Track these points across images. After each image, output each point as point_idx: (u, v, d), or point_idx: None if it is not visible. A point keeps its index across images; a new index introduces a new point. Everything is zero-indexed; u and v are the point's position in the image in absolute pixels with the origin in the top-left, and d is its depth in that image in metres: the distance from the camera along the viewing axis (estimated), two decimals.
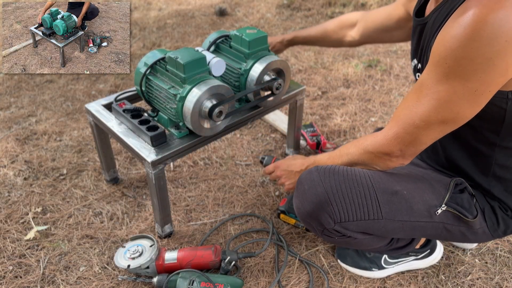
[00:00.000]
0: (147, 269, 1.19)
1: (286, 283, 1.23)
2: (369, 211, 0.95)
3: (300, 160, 1.22)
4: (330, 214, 0.95)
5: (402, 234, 1.03)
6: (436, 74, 0.82)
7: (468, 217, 0.98)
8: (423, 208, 0.98)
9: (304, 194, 0.99)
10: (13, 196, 1.56)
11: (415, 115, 0.87)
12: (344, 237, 1.01)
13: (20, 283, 1.23)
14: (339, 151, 1.08)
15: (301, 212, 1.01)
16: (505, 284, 1.22)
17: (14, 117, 2.06)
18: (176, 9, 3.71)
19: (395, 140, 0.92)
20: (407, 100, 0.90)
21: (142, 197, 1.57)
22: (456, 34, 0.76)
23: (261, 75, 1.33)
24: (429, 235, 1.05)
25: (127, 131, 1.29)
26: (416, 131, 0.88)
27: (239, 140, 1.90)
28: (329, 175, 0.97)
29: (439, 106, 0.83)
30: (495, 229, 1.03)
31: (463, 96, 0.81)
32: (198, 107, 1.17)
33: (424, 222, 0.99)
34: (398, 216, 0.97)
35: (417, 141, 0.91)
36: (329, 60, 2.63)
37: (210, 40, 1.43)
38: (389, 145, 0.93)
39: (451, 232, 1.03)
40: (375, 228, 0.98)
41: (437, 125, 0.87)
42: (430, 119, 0.85)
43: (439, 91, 0.82)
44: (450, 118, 0.85)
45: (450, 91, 0.81)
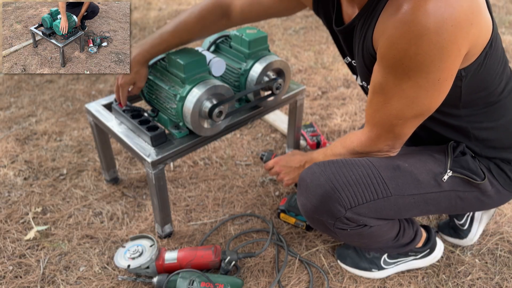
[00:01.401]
0: (147, 269, 1.19)
1: (286, 283, 1.23)
2: (377, 189, 0.94)
3: (298, 156, 1.22)
4: (339, 201, 0.93)
5: (417, 211, 1.01)
6: (396, 75, 0.83)
7: (477, 180, 0.98)
8: (429, 177, 0.97)
9: (308, 188, 0.97)
10: (13, 196, 1.56)
11: (390, 115, 0.89)
12: (358, 227, 0.98)
13: (20, 283, 1.23)
14: (331, 151, 1.09)
15: (308, 208, 0.98)
16: (505, 284, 1.22)
17: (14, 117, 2.06)
18: (176, 9, 3.71)
19: (379, 140, 0.96)
20: (374, 104, 0.92)
21: (142, 197, 1.57)
22: (403, 34, 0.76)
23: (261, 75, 1.33)
24: (445, 208, 1.02)
25: (127, 131, 1.29)
26: (396, 128, 0.91)
27: (239, 140, 1.90)
28: (329, 165, 0.97)
29: (410, 102, 0.85)
30: (509, 183, 1.02)
31: (429, 88, 0.83)
32: (198, 107, 1.17)
33: (434, 193, 0.97)
34: (407, 191, 0.95)
35: (401, 135, 0.94)
36: (329, 60, 2.63)
37: (210, 40, 1.43)
38: (376, 145, 0.97)
39: (466, 200, 1.01)
40: (387, 208, 0.96)
41: (413, 118, 0.89)
42: (405, 115, 0.88)
43: (404, 89, 0.84)
44: (423, 110, 0.88)
45: (415, 87, 0.82)
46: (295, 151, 1.28)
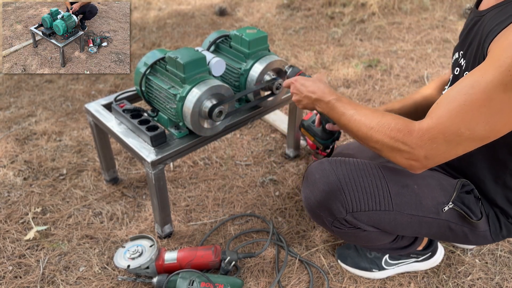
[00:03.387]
0: (147, 269, 1.19)
1: (286, 283, 1.23)
2: (381, 201, 0.94)
3: (314, 86, 1.05)
4: (343, 202, 0.94)
5: (409, 231, 1.02)
6: (494, 79, 0.74)
7: (473, 218, 0.98)
8: (431, 204, 0.97)
9: (315, 183, 0.96)
10: (13, 196, 1.56)
11: (462, 121, 0.77)
12: (354, 229, 1.00)
13: (20, 283, 1.23)
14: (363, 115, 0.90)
15: (311, 201, 0.98)
16: (505, 284, 1.22)
17: (14, 117, 2.06)
18: (176, 9, 3.71)
19: (430, 144, 0.80)
20: (451, 100, 0.79)
21: (142, 197, 1.57)
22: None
23: (261, 75, 1.33)
24: (433, 233, 1.05)
25: (126, 131, 1.29)
26: (458, 141, 0.79)
27: (239, 140, 1.89)
28: (341, 165, 0.96)
29: (490, 116, 0.75)
30: (497, 234, 1.03)
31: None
32: (198, 107, 1.16)
33: (430, 219, 0.99)
34: (408, 210, 0.96)
35: (450, 153, 0.81)
36: (329, 60, 2.63)
37: (210, 40, 1.43)
38: (421, 146, 0.81)
39: (454, 232, 1.03)
40: (386, 221, 0.97)
41: (479, 139, 0.79)
42: (477, 128, 0.77)
43: (493, 99, 0.74)
44: (496, 130, 0.78)
45: (504, 102, 0.74)
46: (320, 77, 1.11)
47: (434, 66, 2.52)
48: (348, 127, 0.93)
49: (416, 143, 0.81)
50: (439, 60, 2.59)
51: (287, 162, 1.75)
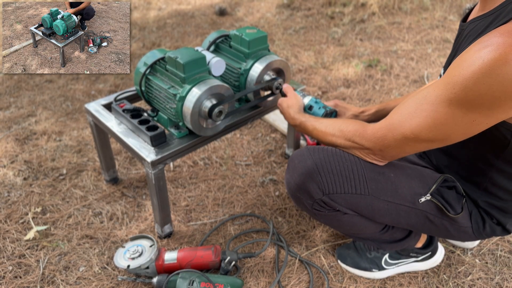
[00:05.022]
0: (146, 269, 1.19)
1: (286, 283, 1.23)
2: (356, 185, 0.98)
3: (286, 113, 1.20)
4: (319, 183, 0.98)
5: (388, 218, 1.04)
6: (441, 94, 0.81)
7: (450, 212, 1.01)
8: (408, 193, 1.00)
9: (295, 168, 1.02)
10: (13, 196, 1.56)
11: (408, 126, 0.87)
12: (333, 211, 1.03)
13: (20, 283, 1.23)
14: (324, 126, 1.06)
15: (291, 185, 1.04)
16: (505, 284, 1.22)
17: (14, 117, 2.06)
18: (176, 8, 3.71)
19: (381, 141, 0.93)
20: (405, 107, 0.89)
21: (142, 197, 1.57)
22: (472, 64, 0.75)
23: (261, 75, 1.32)
24: (413, 224, 1.06)
25: (126, 131, 1.29)
26: (404, 141, 0.89)
27: (239, 140, 1.89)
28: (318, 151, 1.02)
29: (433, 125, 0.83)
30: (480, 232, 1.05)
31: (460, 123, 0.81)
32: (198, 107, 1.16)
33: (407, 207, 1.01)
34: (383, 196, 0.99)
35: (400, 150, 0.92)
36: (329, 60, 2.63)
37: (210, 39, 1.43)
38: (374, 142, 0.95)
39: (434, 224, 1.05)
40: (363, 205, 1.01)
41: (425, 141, 0.87)
42: (420, 134, 0.86)
43: (437, 111, 0.82)
44: (439, 138, 0.86)
45: (448, 115, 0.81)
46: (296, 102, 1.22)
47: (434, 66, 2.52)
48: (318, 137, 1.08)
49: (369, 139, 0.95)
50: (439, 60, 2.59)
51: (287, 162, 1.75)
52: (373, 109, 1.32)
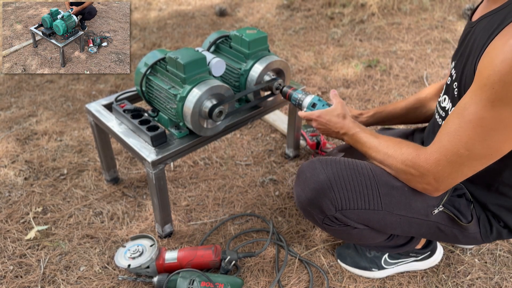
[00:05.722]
0: (147, 269, 1.20)
1: (286, 283, 1.23)
2: (370, 200, 0.96)
3: (339, 123, 1.13)
4: (332, 200, 0.96)
5: (399, 230, 1.04)
6: (481, 99, 0.76)
7: (462, 221, 1.00)
8: (421, 206, 0.99)
9: (306, 181, 0.99)
10: (14, 196, 1.57)
11: (459, 143, 0.81)
12: (345, 227, 1.01)
13: (21, 283, 1.23)
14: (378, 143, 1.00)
15: (302, 199, 1.01)
16: (504, 283, 1.22)
17: (15, 117, 2.07)
18: (176, 9, 3.72)
19: (435, 166, 0.86)
20: (449, 125, 0.84)
21: (142, 197, 1.57)
22: (506, 58, 0.71)
23: (261, 75, 1.33)
24: (423, 233, 1.06)
25: (127, 131, 1.29)
26: (459, 161, 0.83)
27: (239, 140, 1.90)
28: (331, 164, 0.99)
29: (485, 134, 0.78)
30: (487, 236, 1.04)
31: (510, 124, 0.76)
32: (198, 107, 1.17)
33: (420, 220, 1.00)
34: (397, 210, 0.98)
35: (458, 173, 0.86)
36: (329, 60, 2.63)
37: (210, 40, 1.43)
38: (429, 169, 0.87)
39: (444, 233, 1.04)
40: (375, 220, 0.99)
41: (481, 157, 0.82)
42: (474, 148, 0.80)
43: (484, 118, 0.77)
44: (494, 148, 0.80)
45: (496, 119, 0.76)
46: (339, 109, 1.16)
47: (433, 66, 2.53)
48: (368, 153, 1.03)
49: (423, 166, 0.88)
50: (439, 60, 2.59)
51: (287, 162, 1.75)
52: (371, 112, 1.32)
